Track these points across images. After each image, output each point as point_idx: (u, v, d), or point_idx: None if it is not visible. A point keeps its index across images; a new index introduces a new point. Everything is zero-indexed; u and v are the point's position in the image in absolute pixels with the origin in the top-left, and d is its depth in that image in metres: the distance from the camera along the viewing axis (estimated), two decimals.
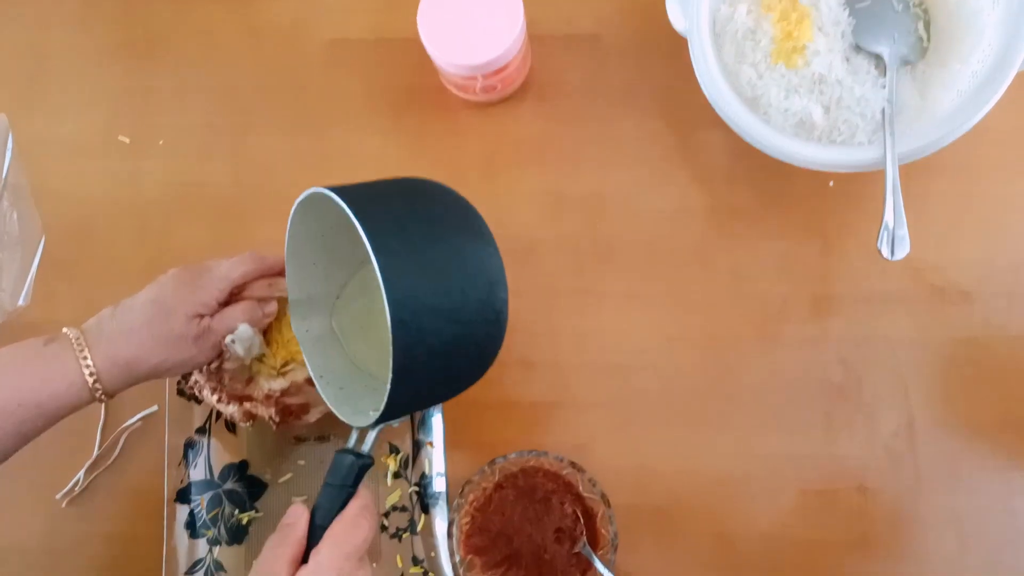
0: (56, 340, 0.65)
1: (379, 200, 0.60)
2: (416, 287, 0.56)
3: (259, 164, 0.88)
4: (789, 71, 0.75)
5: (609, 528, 0.72)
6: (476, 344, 0.61)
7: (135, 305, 0.67)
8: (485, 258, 0.61)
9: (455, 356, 0.60)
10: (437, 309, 0.57)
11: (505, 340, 0.81)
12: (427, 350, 0.57)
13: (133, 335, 0.65)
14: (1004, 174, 0.80)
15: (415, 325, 0.56)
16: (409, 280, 0.56)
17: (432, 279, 0.57)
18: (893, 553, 0.74)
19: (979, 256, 0.79)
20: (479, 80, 0.80)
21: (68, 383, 0.64)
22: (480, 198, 0.85)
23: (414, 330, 0.56)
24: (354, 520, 0.60)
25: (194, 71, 0.91)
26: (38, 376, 0.64)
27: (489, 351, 0.63)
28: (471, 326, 0.60)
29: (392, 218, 0.58)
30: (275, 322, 0.74)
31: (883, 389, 0.77)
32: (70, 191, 0.89)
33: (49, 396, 0.63)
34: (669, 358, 0.79)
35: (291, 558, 0.58)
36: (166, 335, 0.66)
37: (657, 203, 0.83)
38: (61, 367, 0.64)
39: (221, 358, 0.71)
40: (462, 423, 0.79)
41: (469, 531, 0.74)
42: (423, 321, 0.56)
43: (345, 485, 0.61)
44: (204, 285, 0.68)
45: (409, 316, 0.55)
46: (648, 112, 0.85)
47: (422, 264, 0.57)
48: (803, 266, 0.80)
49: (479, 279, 0.60)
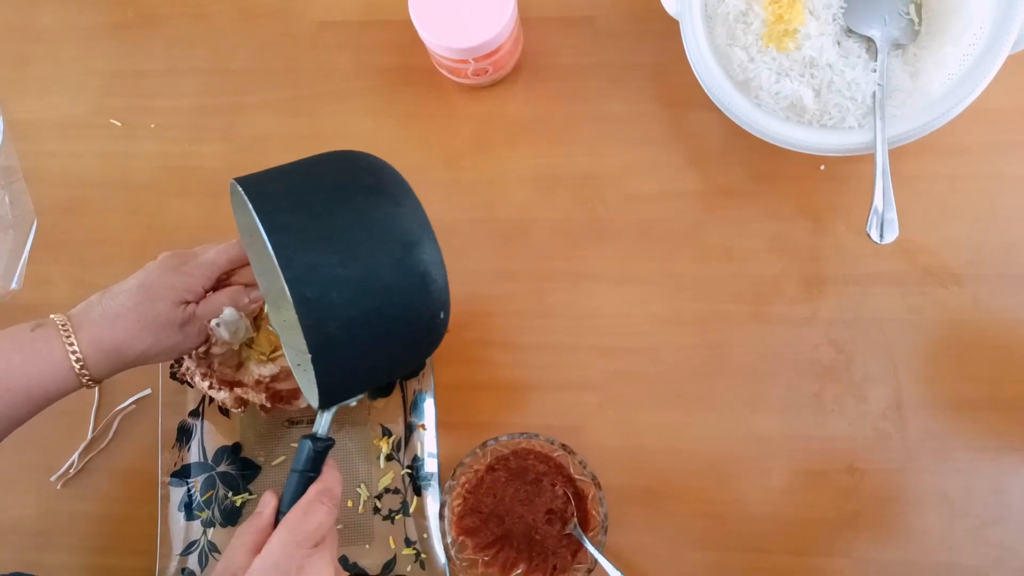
0: (43, 326, 0.65)
1: (281, 178, 0.58)
2: (318, 261, 0.54)
3: (251, 145, 0.88)
4: (780, 54, 0.75)
5: (600, 510, 0.72)
6: (404, 310, 0.57)
7: (122, 291, 0.67)
8: (395, 218, 0.57)
9: (380, 325, 0.57)
10: (344, 279, 0.54)
11: (497, 322, 0.81)
12: (343, 324, 0.54)
13: (119, 321, 0.65)
14: (994, 156, 0.80)
15: (322, 300, 0.53)
16: (310, 255, 0.53)
17: (336, 250, 0.55)
18: (882, 531, 0.75)
19: (969, 238, 0.79)
20: (471, 63, 0.80)
21: (55, 369, 0.64)
22: (472, 180, 0.85)
23: (322, 305, 0.53)
24: (308, 506, 0.60)
25: (185, 53, 0.91)
26: (25, 362, 0.63)
27: (428, 315, 0.59)
28: (391, 292, 0.56)
29: (292, 194, 0.56)
30: (263, 308, 0.74)
31: (873, 369, 0.77)
32: (62, 174, 0.89)
33: (37, 382, 0.63)
34: (661, 339, 0.80)
35: (252, 546, 0.59)
36: (152, 321, 0.66)
37: (649, 185, 0.83)
38: (48, 353, 0.64)
39: (208, 343, 0.71)
40: (454, 405, 0.80)
41: (461, 512, 0.75)
42: (330, 295, 0.54)
43: (305, 471, 0.61)
44: (190, 271, 0.68)
45: (313, 292, 0.53)
46: (640, 94, 0.85)
47: (324, 236, 0.54)
48: (794, 247, 0.80)
49: (390, 242, 0.56)
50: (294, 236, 0.53)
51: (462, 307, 0.82)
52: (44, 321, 0.65)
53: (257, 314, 0.74)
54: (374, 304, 0.56)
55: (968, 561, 0.74)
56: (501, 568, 0.73)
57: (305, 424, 0.81)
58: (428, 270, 0.57)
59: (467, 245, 0.84)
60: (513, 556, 0.73)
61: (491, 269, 0.83)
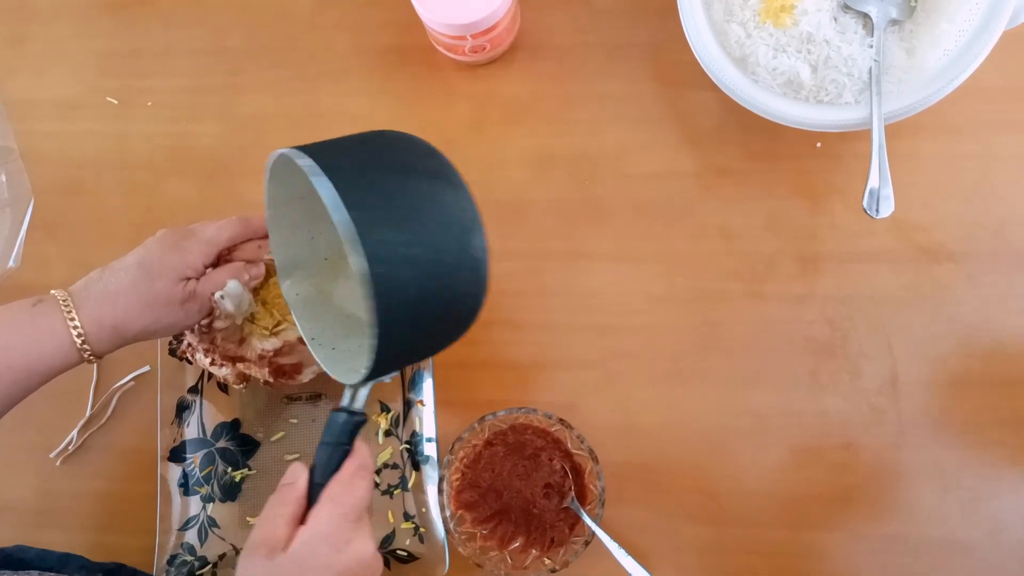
0: (44, 301, 0.65)
1: (346, 154, 0.59)
2: (390, 239, 0.55)
3: (248, 124, 0.88)
4: (777, 30, 0.75)
5: (597, 484, 0.73)
6: (457, 294, 0.59)
7: (121, 268, 0.67)
8: (457, 204, 0.59)
9: (438, 306, 0.59)
10: (412, 259, 0.56)
11: (495, 300, 0.81)
12: (407, 302, 0.56)
13: (120, 299, 0.65)
14: (989, 134, 0.80)
15: (391, 277, 0.54)
16: (383, 232, 0.54)
17: (406, 230, 0.56)
18: (876, 506, 0.75)
19: (963, 215, 0.79)
20: (468, 40, 0.80)
21: (57, 344, 0.64)
22: (469, 159, 0.85)
23: (391, 283, 0.54)
24: (351, 480, 0.60)
25: (182, 32, 0.91)
26: (27, 338, 0.64)
27: (472, 301, 0.61)
28: (450, 276, 0.58)
29: (360, 171, 0.57)
30: (265, 282, 0.74)
31: (868, 346, 0.77)
32: (59, 153, 0.89)
33: (38, 358, 0.64)
34: (657, 317, 0.80)
35: (291, 517, 0.58)
36: (152, 299, 0.66)
37: (646, 163, 0.83)
38: (50, 329, 0.64)
39: (211, 316, 0.71)
40: (452, 382, 0.80)
41: (459, 487, 0.75)
42: (399, 273, 0.55)
43: (340, 443, 0.61)
44: (190, 248, 0.68)
45: (384, 268, 0.54)
46: (637, 73, 0.85)
47: (396, 216, 0.56)
48: (790, 225, 0.80)
49: (453, 227, 0.58)
50: (369, 213, 0.54)
51: None
52: (44, 297, 0.65)
53: (257, 289, 0.74)
54: (435, 286, 0.57)
55: (962, 535, 0.74)
56: (499, 541, 0.74)
57: (304, 401, 0.81)
58: (481, 256, 0.59)
59: None
60: (511, 530, 0.74)
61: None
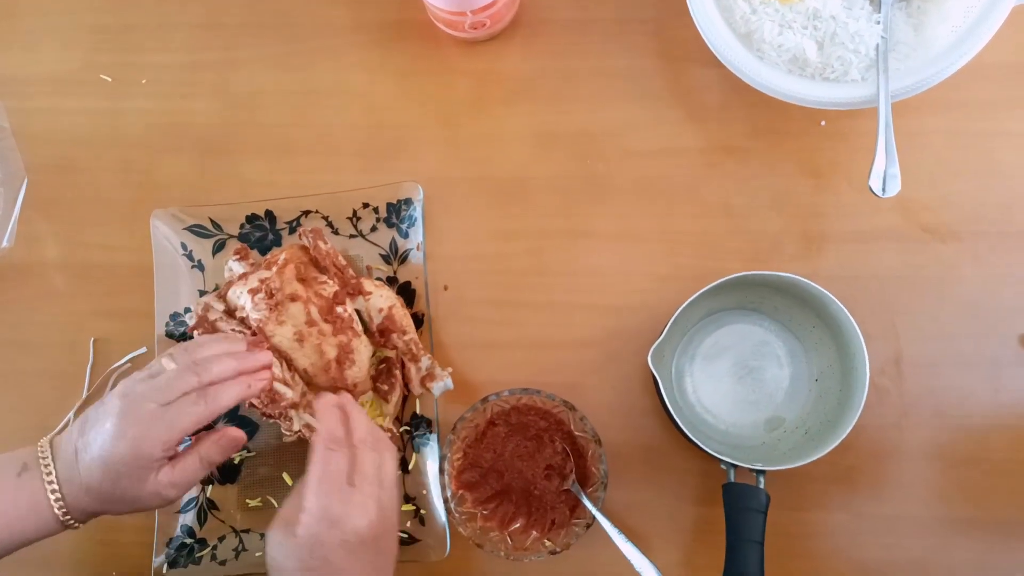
0: (29, 471, 0.64)
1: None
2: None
3: (244, 101, 0.87)
4: (783, 6, 0.74)
5: (600, 467, 0.72)
6: None
7: (93, 453, 0.63)
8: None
9: None
10: None
11: (497, 280, 0.81)
12: None
13: (98, 495, 0.63)
14: (996, 112, 0.79)
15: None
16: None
17: None
18: (878, 486, 0.75)
19: (969, 195, 0.79)
20: (468, 16, 0.79)
21: (41, 522, 0.64)
22: (469, 137, 0.84)
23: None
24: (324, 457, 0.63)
25: (176, 6, 0.89)
26: (11, 507, 0.63)
27: None
28: None
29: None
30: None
31: (872, 326, 0.77)
32: (52, 131, 0.88)
33: (19, 532, 0.63)
34: (661, 297, 0.79)
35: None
36: (122, 497, 0.64)
37: (649, 141, 0.82)
38: (35, 505, 0.63)
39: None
40: (454, 364, 0.80)
41: (461, 467, 0.75)
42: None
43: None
44: (151, 437, 0.63)
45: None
46: (641, 49, 0.84)
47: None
48: (795, 204, 0.80)
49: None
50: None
51: (460, 266, 0.82)
52: (29, 463, 0.64)
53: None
54: None
55: (963, 515, 0.74)
56: (500, 522, 0.73)
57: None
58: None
59: (464, 203, 0.83)
60: (512, 510, 0.74)
61: (489, 228, 0.82)
